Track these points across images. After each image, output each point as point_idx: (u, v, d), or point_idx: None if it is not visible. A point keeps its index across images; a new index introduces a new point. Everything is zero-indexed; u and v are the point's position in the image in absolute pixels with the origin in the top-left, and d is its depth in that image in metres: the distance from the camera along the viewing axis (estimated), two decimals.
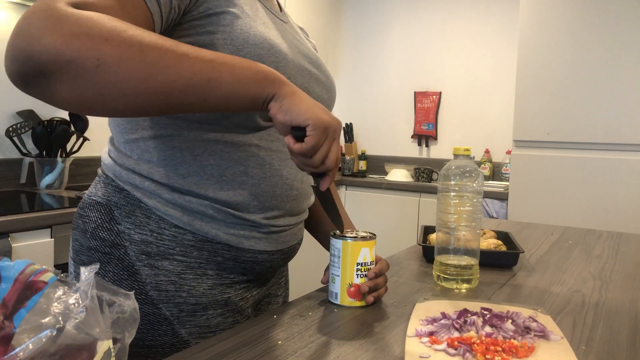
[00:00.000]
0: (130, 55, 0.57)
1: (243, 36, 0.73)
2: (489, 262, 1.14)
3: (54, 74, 0.55)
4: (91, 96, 0.57)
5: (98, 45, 0.55)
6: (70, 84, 0.56)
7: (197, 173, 0.78)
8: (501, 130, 3.42)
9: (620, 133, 2.43)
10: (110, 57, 0.56)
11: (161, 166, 0.78)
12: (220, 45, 0.72)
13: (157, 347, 0.78)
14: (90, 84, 0.56)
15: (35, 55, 0.54)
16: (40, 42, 0.54)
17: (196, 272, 0.79)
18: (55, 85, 0.56)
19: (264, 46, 0.75)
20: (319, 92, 0.90)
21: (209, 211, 0.79)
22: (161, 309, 0.77)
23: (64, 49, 0.54)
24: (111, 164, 0.82)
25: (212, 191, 0.78)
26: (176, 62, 0.59)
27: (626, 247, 1.41)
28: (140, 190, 0.79)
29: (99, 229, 0.79)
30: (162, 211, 0.78)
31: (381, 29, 3.86)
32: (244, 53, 0.73)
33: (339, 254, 0.84)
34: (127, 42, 0.57)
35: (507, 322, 0.74)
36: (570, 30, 2.51)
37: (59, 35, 0.54)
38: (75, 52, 0.55)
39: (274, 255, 0.87)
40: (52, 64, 0.55)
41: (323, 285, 0.92)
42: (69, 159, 2.21)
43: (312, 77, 0.87)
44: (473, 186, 0.95)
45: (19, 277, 0.50)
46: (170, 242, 0.78)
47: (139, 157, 0.79)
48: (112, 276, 0.78)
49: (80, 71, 0.55)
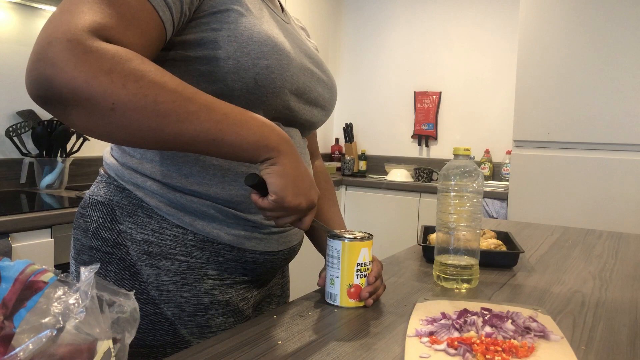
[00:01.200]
0: (144, 104, 0.60)
1: (247, 33, 0.74)
2: (489, 262, 1.14)
3: (71, 106, 0.59)
4: (102, 132, 0.61)
5: (115, 89, 0.58)
6: (85, 118, 0.60)
7: (200, 173, 0.78)
8: (501, 130, 3.42)
9: (620, 133, 2.43)
10: (125, 103, 0.59)
11: (164, 165, 0.78)
12: (224, 41, 0.72)
13: (158, 347, 0.78)
14: (103, 122, 0.60)
15: (56, 87, 0.57)
16: (63, 74, 0.57)
17: (197, 272, 0.79)
18: (71, 115, 0.60)
19: (267, 43, 0.75)
20: (321, 91, 0.90)
21: (210, 211, 0.79)
22: (162, 309, 0.77)
23: (83, 87, 0.57)
24: (113, 164, 0.82)
25: (214, 191, 0.78)
26: (186, 118, 0.62)
27: (626, 247, 1.41)
28: (142, 190, 0.79)
29: (100, 229, 0.79)
30: (164, 211, 0.78)
31: (381, 29, 3.86)
32: (248, 50, 0.73)
33: (338, 255, 0.83)
34: (144, 89, 0.59)
35: (507, 322, 0.74)
36: (570, 30, 2.51)
37: (81, 72, 0.57)
38: (94, 92, 0.58)
39: (275, 255, 0.87)
40: (70, 98, 0.58)
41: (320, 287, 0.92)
42: (69, 159, 2.21)
43: (314, 76, 0.88)
44: (473, 186, 0.95)
45: (19, 277, 0.50)
46: (172, 242, 0.78)
47: (142, 156, 0.79)
48: (114, 276, 0.78)
49: (95, 110, 0.59)
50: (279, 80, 0.76)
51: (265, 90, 0.76)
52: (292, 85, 0.80)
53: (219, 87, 0.74)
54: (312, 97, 0.87)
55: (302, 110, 0.86)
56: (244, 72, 0.73)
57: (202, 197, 0.78)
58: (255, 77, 0.74)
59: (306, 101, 0.86)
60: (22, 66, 2.18)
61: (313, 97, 0.87)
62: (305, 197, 0.70)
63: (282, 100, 0.79)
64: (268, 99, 0.77)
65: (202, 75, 0.74)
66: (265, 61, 0.74)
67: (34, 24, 2.21)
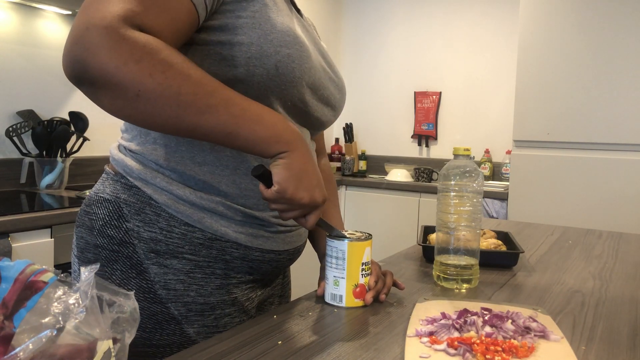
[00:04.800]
0: (168, 94, 0.63)
1: (271, 22, 0.75)
2: (489, 262, 1.14)
3: (101, 88, 0.63)
4: (127, 115, 0.66)
5: (143, 78, 0.62)
6: (112, 101, 0.64)
7: (213, 162, 0.79)
8: (501, 130, 3.42)
9: (620, 133, 2.43)
10: (150, 91, 0.63)
11: (178, 152, 0.79)
12: (249, 28, 0.74)
13: (164, 346, 0.78)
14: (128, 107, 0.64)
15: (89, 69, 0.61)
16: (96, 59, 0.61)
17: (205, 271, 0.79)
18: (100, 95, 0.64)
19: (290, 34, 0.77)
20: (333, 90, 0.91)
21: (219, 208, 0.79)
22: (169, 308, 0.77)
23: (113, 73, 0.61)
24: (122, 159, 0.82)
25: (226, 183, 0.79)
26: (205, 110, 0.65)
27: (626, 247, 1.41)
28: (151, 187, 0.79)
29: (106, 226, 0.79)
30: (173, 208, 0.78)
31: (381, 29, 3.86)
32: (271, 37, 0.75)
33: (344, 256, 0.83)
34: (169, 80, 0.63)
35: (507, 322, 0.74)
36: (570, 30, 2.51)
37: (113, 58, 0.61)
38: (123, 78, 0.62)
39: (281, 255, 0.87)
40: (101, 81, 0.62)
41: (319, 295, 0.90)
42: (69, 159, 2.21)
43: (327, 74, 0.89)
44: (473, 186, 0.95)
45: (19, 277, 0.50)
46: (180, 240, 0.78)
47: (155, 141, 0.80)
48: (120, 274, 0.77)
49: (122, 95, 0.63)
50: (298, 70, 0.78)
51: (285, 79, 0.77)
52: (309, 78, 0.81)
53: (240, 71, 0.75)
54: (324, 95, 0.88)
55: (315, 106, 0.86)
56: (267, 58, 0.74)
57: (212, 191, 0.79)
58: (276, 64, 0.75)
59: (319, 98, 0.87)
60: (22, 66, 2.18)
61: (326, 95, 0.88)
62: (308, 193, 0.72)
63: (299, 91, 0.80)
64: (286, 87, 0.78)
65: (224, 59, 0.75)
66: (287, 50, 0.76)
67: (34, 24, 2.21)
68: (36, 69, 2.24)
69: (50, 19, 2.27)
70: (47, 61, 2.28)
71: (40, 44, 2.25)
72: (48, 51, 2.28)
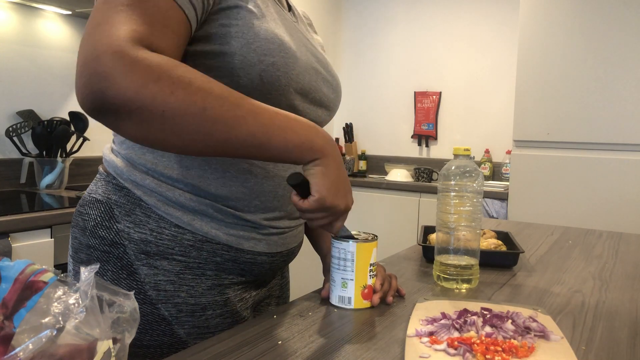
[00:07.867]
0: (193, 111, 0.61)
1: (254, 30, 0.74)
2: (489, 262, 1.14)
3: (123, 115, 0.60)
4: (153, 139, 0.63)
5: (165, 97, 0.59)
6: (137, 126, 0.61)
7: (202, 166, 0.78)
8: (501, 130, 3.42)
9: (620, 133, 2.43)
10: (174, 110, 0.60)
11: (165, 156, 0.78)
12: (232, 37, 0.73)
13: (155, 347, 0.78)
14: (154, 130, 0.61)
15: (109, 99, 0.59)
16: (115, 87, 0.58)
17: (195, 272, 0.79)
18: (123, 124, 0.61)
19: (274, 41, 0.75)
20: (326, 91, 0.90)
21: (209, 210, 0.79)
22: (160, 309, 0.77)
23: (134, 97, 0.59)
24: (113, 160, 0.82)
25: (215, 187, 0.78)
26: (234, 123, 0.63)
27: (626, 247, 1.41)
28: (141, 188, 0.79)
29: (98, 227, 0.79)
30: (163, 210, 0.78)
31: (381, 29, 3.86)
32: (254, 46, 0.74)
33: (353, 257, 0.83)
34: (192, 96, 0.61)
35: (507, 322, 0.74)
36: (570, 30, 2.51)
37: (131, 82, 0.58)
38: (144, 101, 0.59)
39: (274, 257, 0.86)
40: (123, 108, 0.59)
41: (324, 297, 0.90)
42: (69, 159, 2.21)
43: (320, 76, 0.88)
44: (473, 186, 0.95)
45: (19, 277, 0.50)
46: (170, 241, 0.78)
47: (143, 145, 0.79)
48: (111, 275, 0.78)
49: (146, 118, 0.60)
50: (284, 78, 0.77)
51: (270, 87, 0.76)
52: (297, 85, 0.80)
53: (226, 82, 0.74)
54: (317, 98, 0.87)
55: (307, 110, 0.86)
56: (250, 67, 0.73)
57: (202, 194, 0.78)
58: (260, 73, 0.74)
59: (311, 101, 0.86)
60: (22, 66, 2.18)
61: (318, 98, 0.87)
62: (344, 199, 0.72)
63: (287, 99, 0.79)
64: (273, 96, 0.77)
65: (210, 69, 0.74)
66: (272, 58, 0.75)
67: (34, 24, 2.21)
68: (36, 69, 2.24)
69: (51, 19, 2.27)
70: (47, 61, 2.28)
71: (41, 44, 2.25)
72: (48, 51, 2.28)
